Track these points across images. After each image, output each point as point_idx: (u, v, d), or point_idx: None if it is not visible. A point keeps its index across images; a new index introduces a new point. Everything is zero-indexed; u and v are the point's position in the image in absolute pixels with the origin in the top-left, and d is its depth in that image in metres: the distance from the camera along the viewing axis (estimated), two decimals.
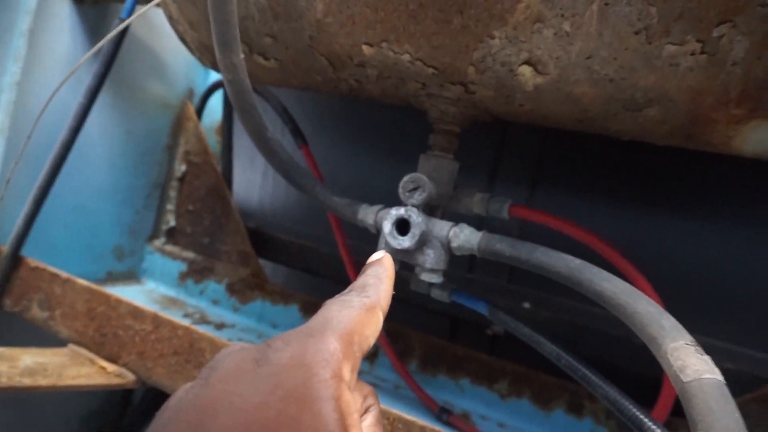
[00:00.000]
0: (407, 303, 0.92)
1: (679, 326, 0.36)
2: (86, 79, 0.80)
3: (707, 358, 0.33)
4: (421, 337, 0.83)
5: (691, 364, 0.32)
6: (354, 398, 0.28)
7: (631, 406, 0.46)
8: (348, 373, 0.26)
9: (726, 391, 0.31)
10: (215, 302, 1.04)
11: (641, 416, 0.45)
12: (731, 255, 0.77)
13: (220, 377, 0.25)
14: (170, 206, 1.12)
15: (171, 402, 0.25)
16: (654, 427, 0.44)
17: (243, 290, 1.02)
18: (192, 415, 0.23)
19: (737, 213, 0.76)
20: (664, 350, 0.34)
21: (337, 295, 0.30)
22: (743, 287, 0.76)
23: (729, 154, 0.49)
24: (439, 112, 0.58)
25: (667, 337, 0.35)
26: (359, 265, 0.84)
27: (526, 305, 0.84)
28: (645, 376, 0.69)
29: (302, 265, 1.04)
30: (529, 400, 0.77)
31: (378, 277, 0.33)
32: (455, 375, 0.81)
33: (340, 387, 0.24)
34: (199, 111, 1.12)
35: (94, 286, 0.73)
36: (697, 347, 0.34)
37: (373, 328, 0.29)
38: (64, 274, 0.76)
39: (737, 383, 0.68)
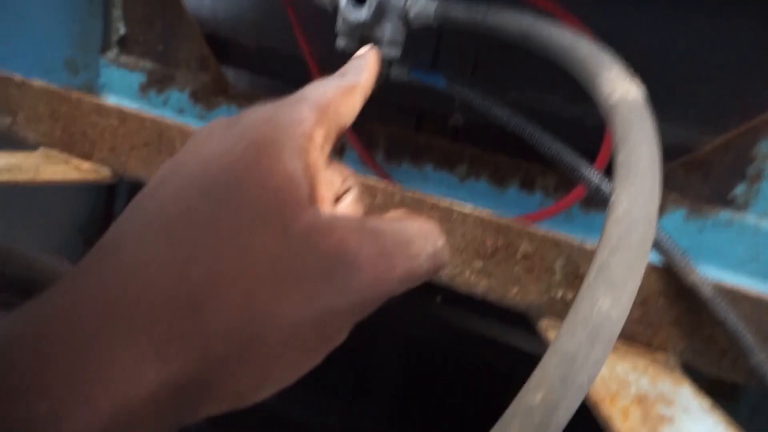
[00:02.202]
0: (372, 99, 0.93)
1: (614, 59, 0.38)
2: None
3: (634, 83, 0.36)
4: (386, 129, 0.86)
5: (619, 88, 0.36)
6: (333, 177, 0.29)
7: (570, 154, 0.51)
8: (320, 137, 0.25)
9: (645, 106, 0.35)
10: (180, 111, 1.04)
11: (578, 162, 0.50)
12: (675, 38, 0.78)
13: (196, 140, 0.26)
14: (117, 12, 1.06)
15: (161, 166, 0.27)
16: (588, 169, 0.50)
17: (207, 97, 1.01)
18: (169, 169, 0.25)
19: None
20: (599, 81, 0.37)
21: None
22: (684, 69, 0.79)
23: None
24: None
25: (603, 69, 0.38)
26: (323, 65, 0.84)
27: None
28: (593, 154, 0.75)
29: (264, 69, 1.03)
30: (486, 180, 0.84)
31: (359, 65, 0.32)
32: (419, 162, 0.87)
33: (308, 143, 0.24)
34: None
35: (51, 86, 0.72)
36: (628, 74, 0.37)
37: (350, 107, 0.29)
38: (18, 77, 0.74)
39: (673, 155, 0.75)
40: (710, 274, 0.72)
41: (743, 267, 0.71)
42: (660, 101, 0.81)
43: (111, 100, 1.09)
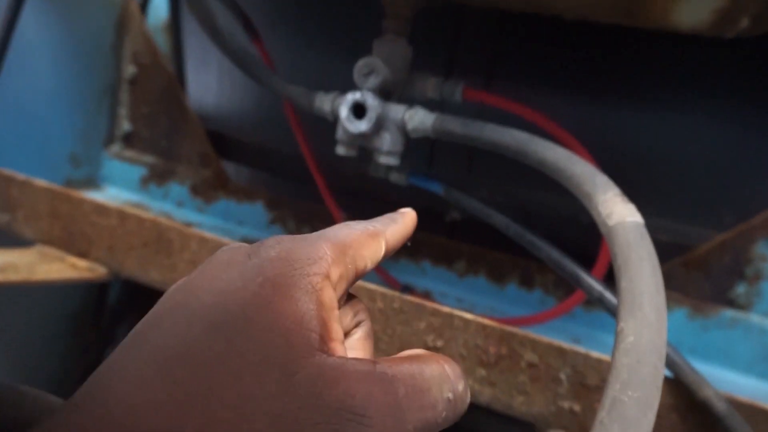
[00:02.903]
0: (369, 196, 0.95)
1: (610, 182, 0.39)
2: None
3: (632, 206, 0.37)
4: None
5: (617, 211, 0.36)
6: (345, 312, 0.29)
7: (571, 264, 0.51)
8: (336, 276, 0.25)
9: (644, 231, 0.35)
10: (180, 204, 1.05)
11: (579, 272, 0.50)
12: (668, 139, 0.82)
13: (213, 266, 0.26)
14: (123, 110, 1.09)
15: (170, 288, 0.26)
16: (590, 279, 0.50)
17: (206, 191, 1.03)
18: (180, 295, 0.25)
19: (671, 100, 0.80)
20: (596, 202, 0.38)
21: None
22: (677, 167, 0.82)
23: (668, 30, 0.51)
24: None
25: (599, 191, 0.38)
26: (322, 166, 0.86)
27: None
28: (590, 252, 0.76)
29: (264, 166, 1.05)
30: (484, 276, 0.83)
31: (391, 217, 0.31)
32: (416, 258, 0.87)
33: (323, 283, 0.24)
34: (143, 7, 1.06)
35: (53, 186, 0.73)
36: (624, 197, 0.38)
37: (372, 251, 0.28)
38: (20, 176, 0.75)
39: (669, 252, 0.75)
40: (718, 375, 0.71)
41: (753, 368, 0.69)
42: (655, 197, 0.83)
43: (111, 191, 1.11)
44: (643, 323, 0.30)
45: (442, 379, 0.24)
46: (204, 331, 0.22)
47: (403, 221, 0.31)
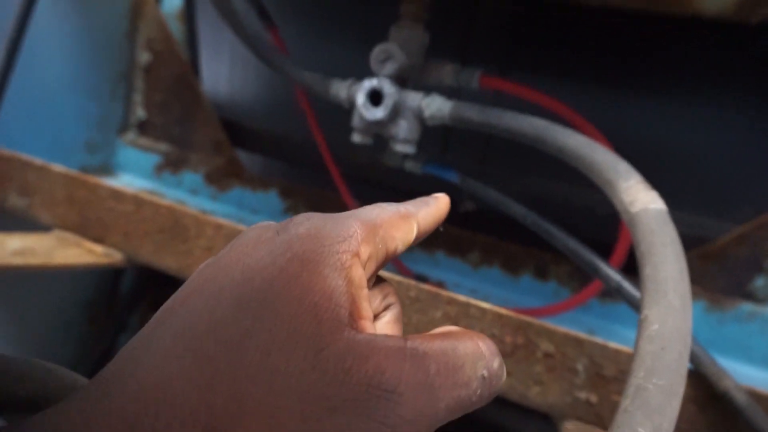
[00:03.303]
0: (381, 186, 0.95)
1: (632, 169, 0.39)
2: None
3: (654, 193, 0.36)
4: None
5: (640, 198, 0.36)
6: (373, 295, 0.29)
7: (588, 253, 0.50)
8: (365, 255, 0.25)
9: (668, 218, 0.34)
10: (194, 192, 1.05)
11: (597, 261, 0.50)
12: (686, 130, 0.80)
13: (242, 243, 0.26)
14: (138, 97, 1.10)
15: (200, 265, 0.26)
16: (608, 269, 0.49)
17: (220, 179, 1.03)
18: (210, 272, 0.25)
19: (690, 91, 0.79)
20: (618, 189, 0.37)
21: None
22: (695, 159, 0.80)
23: (691, 16, 0.50)
24: None
25: (621, 178, 0.38)
26: (334, 152, 0.86)
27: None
28: (606, 244, 0.75)
29: (277, 154, 1.05)
30: (498, 268, 0.83)
31: (424, 200, 0.31)
32: (430, 249, 0.86)
33: (352, 260, 0.24)
34: None
35: (70, 171, 0.74)
36: (646, 184, 0.37)
37: (402, 233, 0.27)
38: (37, 161, 0.76)
39: (687, 245, 0.74)
40: (735, 368, 0.70)
41: None
42: (673, 189, 0.82)
43: (126, 179, 1.11)
44: (668, 310, 0.30)
45: (476, 357, 0.23)
46: (232, 307, 0.22)
47: (436, 205, 0.31)
